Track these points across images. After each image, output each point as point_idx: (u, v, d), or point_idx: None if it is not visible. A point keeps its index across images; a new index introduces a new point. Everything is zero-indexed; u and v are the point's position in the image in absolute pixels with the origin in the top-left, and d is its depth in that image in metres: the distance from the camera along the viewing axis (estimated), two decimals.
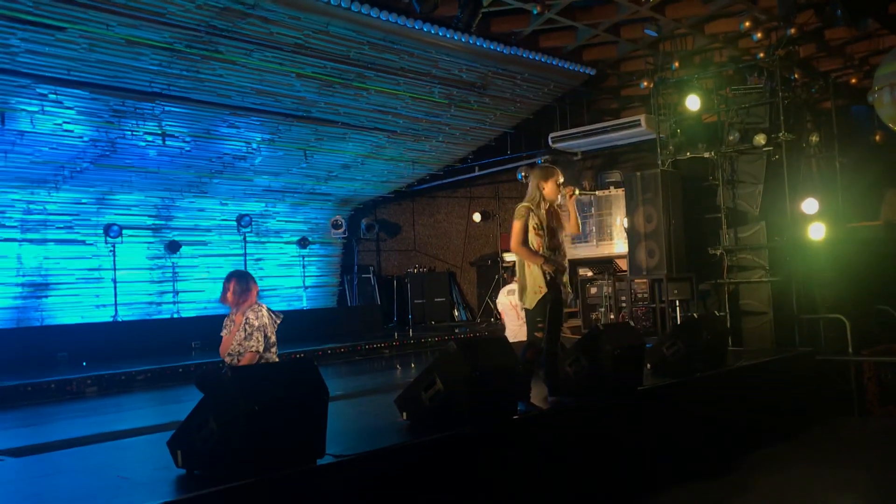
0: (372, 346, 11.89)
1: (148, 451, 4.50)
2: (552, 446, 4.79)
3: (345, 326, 13.98)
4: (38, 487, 3.76)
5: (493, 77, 11.83)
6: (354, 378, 9.18)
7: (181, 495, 3.28)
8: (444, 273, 16.14)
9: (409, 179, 15.26)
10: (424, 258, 16.46)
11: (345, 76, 10.79)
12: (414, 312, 15.32)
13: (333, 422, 3.78)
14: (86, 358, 10.22)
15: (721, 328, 7.28)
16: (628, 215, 9.58)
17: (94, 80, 9.48)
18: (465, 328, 14.28)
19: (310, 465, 3.57)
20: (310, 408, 3.65)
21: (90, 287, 12.22)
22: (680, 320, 8.98)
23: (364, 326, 14.31)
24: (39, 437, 6.04)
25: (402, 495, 3.89)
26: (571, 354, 5.47)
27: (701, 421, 6.12)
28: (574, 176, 15.02)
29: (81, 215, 12.11)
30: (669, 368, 6.31)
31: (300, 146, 12.48)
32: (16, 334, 10.94)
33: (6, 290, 11.38)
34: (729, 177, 9.54)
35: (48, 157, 10.70)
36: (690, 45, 11.26)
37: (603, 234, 13.05)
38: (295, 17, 9.26)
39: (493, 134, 14.00)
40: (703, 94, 9.88)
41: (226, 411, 3.39)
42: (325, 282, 15.65)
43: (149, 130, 10.79)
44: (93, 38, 8.68)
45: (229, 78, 10.13)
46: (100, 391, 8.61)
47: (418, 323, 15.22)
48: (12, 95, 9.28)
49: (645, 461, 5.45)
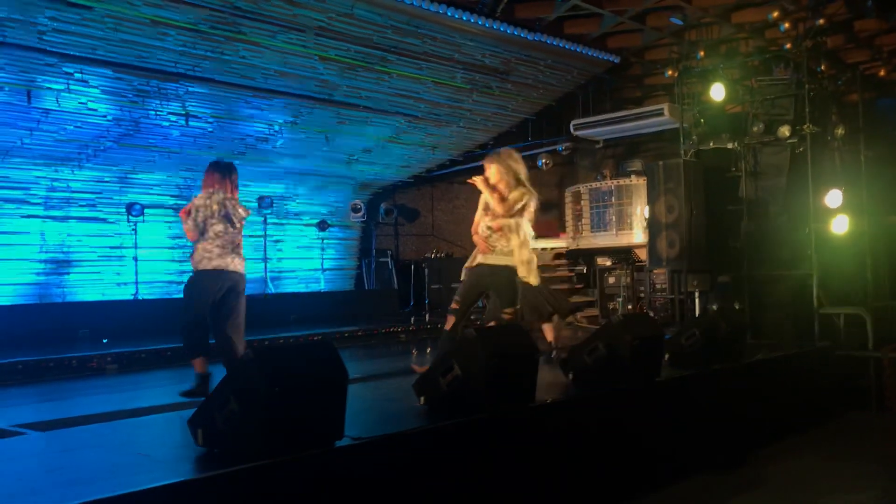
0: (388, 329, 11.93)
1: (168, 429, 4.56)
2: (568, 434, 4.81)
3: (362, 310, 14.03)
4: (61, 461, 3.82)
5: (516, 63, 11.78)
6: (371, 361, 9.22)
7: (201, 473, 3.33)
8: (461, 259, 15.99)
9: (428, 164, 15.26)
10: (442, 243, 16.47)
11: (368, 60, 10.79)
12: (431, 297, 15.35)
13: (351, 404, 3.81)
14: (106, 335, 10.34)
15: (740, 321, 7.24)
16: (649, 205, 9.53)
17: (119, 60, 9.54)
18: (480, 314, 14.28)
19: (329, 446, 3.60)
20: (329, 390, 3.68)
21: (112, 265, 12.34)
22: (699, 312, 8.95)
23: (381, 310, 14.36)
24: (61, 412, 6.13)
25: (420, 479, 3.92)
26: (590, 343, 5.47)
27: (717, 413, 6.10)
28: (595, 164, 14.98)
29: (104, 193, 12.23)
30: (687, 360, 6.29)
31: (322, 129, 12.50)
32: (38, 310, 11.08)
33: (29, 267, 11.52)
34: (752, 168, 9.47)
35: (72, 135, 10.79)
36: (716, 34, 11.15)
37: (622, 224, 13.00)
38: None
39: (514, 120, 13.95)
40: (727, 84, 9.79)
41: (247, 391, 3.43)
42: (343, 265, 15.72)
43: (172, 111, 10.85)
44: (119, 17, 8.72)
45: (253, 60, 10.16)
46: (120, 368, 8.71)
47: (435, 308, 15.25)
48: (39, 74, 9.35)
49: (660, 451, 5.45)
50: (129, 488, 3.01)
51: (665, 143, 13.22)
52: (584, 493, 4.79)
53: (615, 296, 12.20)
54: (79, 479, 3.30)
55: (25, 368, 8.14)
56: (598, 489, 4.89)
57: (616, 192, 13.15)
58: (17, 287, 11.36)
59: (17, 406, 6.97)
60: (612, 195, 13.15)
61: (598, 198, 13.39)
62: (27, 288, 11.47)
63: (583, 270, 14.93)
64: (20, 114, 9.94)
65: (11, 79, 9.27)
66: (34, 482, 3.30)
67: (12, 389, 7.63)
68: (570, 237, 14.12)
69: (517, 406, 4.57)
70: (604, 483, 4.94)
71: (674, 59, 11.05)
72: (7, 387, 7.73)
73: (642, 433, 5.33)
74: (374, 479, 3.73)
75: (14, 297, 11.24)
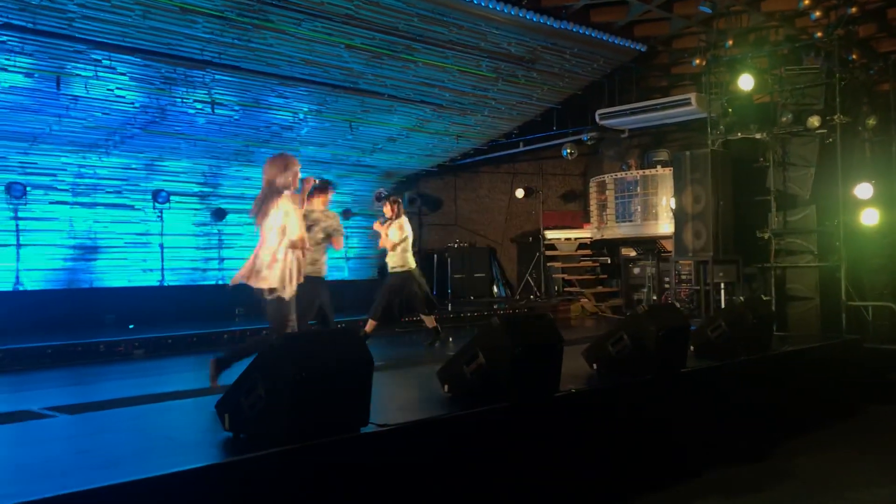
0: (411, 318, 11.93)
1: (194, 413, 4.60)
2: (593, 424, 4.79)
3: None
4: (89, 444, 3.86)
5: (541, 51, 11.71)
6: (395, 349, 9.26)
7: (228, 458, 3.35)
8: (484, 248, 16.13)
9: (452, 153, 15.23)
10: (465, 233, 16.45)
11: (393, 48, 10.77)
12: (453, 287, 15.36)
13: (376, 391, 3.82)
14: (133, 320, 10.45)
15: (767, 312, 7.17)
16: (676, 195, 9.46)
17: (147, 47, 9.59)
18: (503, 304, 14.28)
19: (354, 433, 3.62)
20: (355, 376, 3.69)
21: (138, 251, 12.46)
22: (725, 303, 8.88)
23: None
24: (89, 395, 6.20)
25: (444, 466, 3.92)
26: (614, 334, 5.44)
27: (743, 405, 6.06)
28: (620, 154, 14.87)
29: (130, 180, 12.33)
30: (713, 351, 6.25)
31: (346, 118, 12.51)
32: (66, 295, 11.22)
33: (57, 252, 11.66)
34: (780, 159, 9.36)
35: (100, 122, 10.88)
36: (745, 22, 11.00)
37: (648, 214, 12.91)
38: None
39: (539, 109, 13.88)
40: (756, 73, 9.68)
41: (273, 377, 3.45)
42: (367, 253, 15.75)
43: (198, 98, 10.90)
44: (147, 4, 8.77)
45: (279, 48, 10.18)
46: (146, 353, 8.80)
47: (457, 297, 15.26)
48: (68, 61, 9.43)
49: (686, 442, 5.42)
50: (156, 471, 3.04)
51: (692, 133, 13.10)
52: (609, 482, 4.77)
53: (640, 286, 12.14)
54: (108, 462, 3.34)
55: (54, 353, 8.26)
56: (623, 479, 4.87)
57: (642, 183, 13.06)
58: (46, 272, 11.50)
59: (47, 389, 7.07)
60: (638, 185, 13.07)
61: (624, 188, 13.32)
62: (55, 273, 11.61)
63: (607, 261, 14.87)
64: (49, 100, 10.04)
65: (41, 65, 9.36)
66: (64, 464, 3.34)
67: (42, 373, 7.75)
68: (595, 227, 14.06)
69: (542, 395, 4.56)
70: (628, 473, 4.92)
71: (702, 48, 10.94)
72: (36, 370, 7.85)
73: (668, 424, 5.30)
74: (399, 466, 3.74)
75: (43, 282, 11.39)
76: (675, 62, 12.92)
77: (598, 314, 13.51)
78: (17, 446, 3.89)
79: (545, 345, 4.61)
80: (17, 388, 7.10)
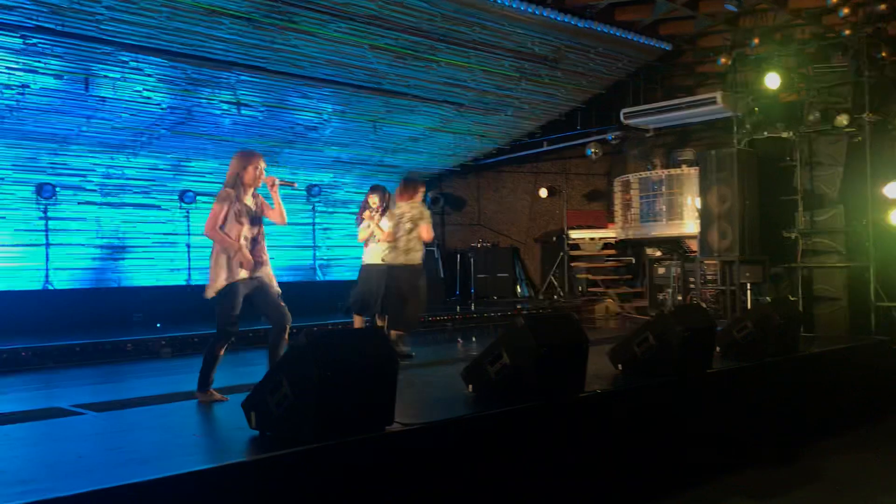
0: (435, 318, 11.97)
1: (221, 411, 4.65)
2: (618, 425, 4.78)
3: None
4: (119, 441, 3.92)
5: (565, 51, 11.68)
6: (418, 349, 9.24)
7: (255, 456, 3.38)
8: (507, 248, 16.10)
9: (475, 153, 15.23)
10: (489, 233, 16.44)
11: (416, 48, 10.79)
12: (477, 287, 15.35)
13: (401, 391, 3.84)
14: (160, 319, 10.55)
15: (794, 313, 7.11)
16: (701, 195, 9.40)
17: (174, 49, 9.68)
18: (527, 304, 14.26)
19: (379, 431, 3.64)
20: (380, 376, 3.71)
21: (165, 251, 12.58)
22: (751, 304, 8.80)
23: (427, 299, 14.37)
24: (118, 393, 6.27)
25: (469, 465, 3.93)
26: (640, 334, 5.42)
27: (770, 406, 6.01)
28: (645, 153, 14.79)
29: (158, 181, 12.45)
30: (739, 352, 6.20)
31: (370, 118, 12.55)
32: (94, 294, 11.35)
33: (86, 252, 11.80)
34: (807, 158, 9.27)
35: (128, 123, 11.00)
36: (772, 21, 10.89)
37: (673, 214, 12.82)
38: None
39: (563, 109, 13.83)
40: (783, 71, 9.59)
41: (299, 376, 3.47)
42: None
43: (224, 99, 10.99)
44: (174, 6, 8.84)
45: (304, 49, 10.23)
46: (173, 352, 8.89)
47: (481, 297, 15.25)
48: (96, 62, 9.54)
49: (712, 444, 5.38)
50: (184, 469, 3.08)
51: (717, 132, 13.00)
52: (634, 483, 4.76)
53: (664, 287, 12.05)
54: (136, 459, 3.39)
55: (83, 351, 8.36)
56: (649, 480, 4.85)
57: (667, 182, 12.97)
58: (75, 272, 11.65)
59: (76, 387, 7.16)
60: (663, 185, 12.98)
61: (648, 187, 13.24)
62: (84, 273, 11.76)
63: (631, 261, 14.79)
64: (78, 102, 10.16)
65: (70, 67, 9.48)
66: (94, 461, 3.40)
67: (70, 371, 7.84)
68: (619, 227, 13.99)
69: (566, 395, 4.55)
70: (654, 474, 4.90)
71: (727, 47, 10.85)
72: (65, 368, 7.95)
73: (693, 425, 5.27)
74: (423, 465, 3.76)
75: (71, 281, 11.54)
76: (701, 61, 12.82)
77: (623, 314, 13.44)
78: (48, 443, 3.96)
79: (570, 345, 4.61)
80: (47, 386, 7.20)
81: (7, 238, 11.08)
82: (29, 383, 7.24)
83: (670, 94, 13.32)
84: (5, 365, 7.76)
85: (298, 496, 3.29)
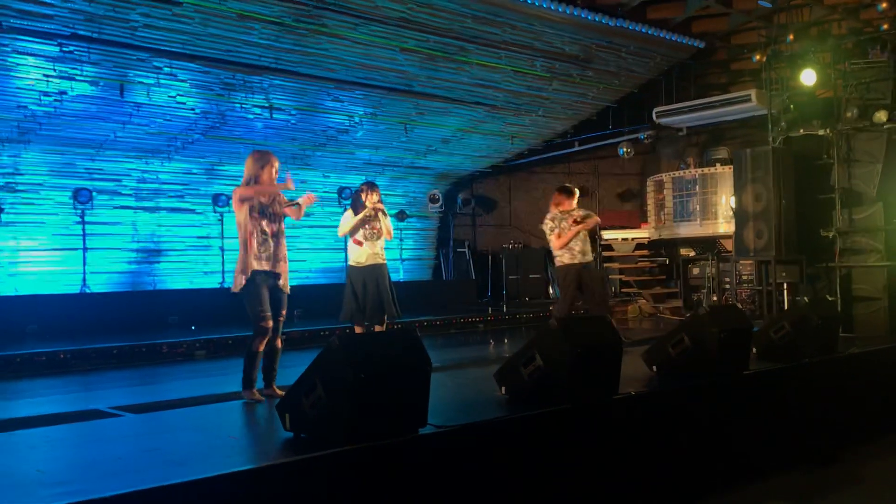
0: (467, 319, 11.97)
1: (256, 413, 4.68)
2: (653, 427, 4.73)
3: (440, 300, 14.10)
4: (157, 442, 3.96)
5: (596, 50, 11.61)
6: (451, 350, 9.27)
7: (289, 457, 3.39)
8: (539, 249, 16.03)
9: (506, 154, 15.20)
10: (520, 234, 16.39)
11: (447, 50, 10.80)
12: (508, 288, 15.31)
13: (433, 393, 3.82)
14: (195, 322, 10.67)
15: (832, 313, 6.98)
16: (736, 194, 9.29)
17: (207, 54, 9.80)
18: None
19: (412, 434, 3.63)
20: (413, 377, 3.70)
21: (199, 254, 12.73)
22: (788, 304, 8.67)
23: (459, 300, 14.41)
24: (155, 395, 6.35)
25: (501, 468, 3.91)
26: (674, 335, 5.36)
27: (809, 408, 5.91)
28: (678, 152, 14.65)
29: (192, 185, 12.60)
30: (777, 353, 6.10)
31: (401, 120, 12.59)
32: (131, 297, 11.52)
33: (122, 256, 11.98)
34: (844, 155, 9.10)
35: (162, 128, 11.15)
36: (807, 16, 10.75)
37: (707, 213, 12.69)
38: None
39: (594, 108, 13.76)
40: (819, 68, 9.43)
41: (333, 378, 3.48)
42: (422, 255, 15.81)
43: (257, 103, 11.09)
44: (207, 12, 8.95)
45: (335, 52, 10.29)
46: (208, 354, 8.98)
47: (512, 299, 15.22)
48: (131, 69, 9.69)
49: (749, 446, 5.31)
50: (221, 470, 3.10)
51: (752, 130, 12.84)
52: (670, 487, 4.70)
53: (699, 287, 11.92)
54: (174, 460, 3.42)
55: (120, 353, 8.49)
56: (684, 483, 4.79)
57: (700, 181, 12.84)
58: (111, 276, 11.84)
59: (114, 389, 7.27)
60: (697, 184, 12.85)
61: (682, 187, 13.11)
62: (120, 276, 11.94)
63: (665, 261, 14.66)
64: (113, 108, 10.33)
65: (106, 74, 9.63)
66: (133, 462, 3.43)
67: (108, 373, 7.97)
68: (653, 227, 13.87)
69: (600, 397, 4.52)
70: (690, 477, 4.84)
71: (762, 43, 10.70)
72: (103, 370, 8.07)
73: (730, 427, 5.20)
74: (456, 467, 3.74)
75: (108, 285, 11.72)
76: (734, 58, 12.68)
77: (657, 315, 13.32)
78: (88, 444, 4.01)
79: (604, 346, 4.56)
80: (86, 388, 7.32)
81: (46, 242, 11.28)
82: (68, 385, 7.37)
83: (703, 93, 13.18)
84: (46, 367, 7.91)
85: (332, 498, 3.30)
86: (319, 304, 11.54)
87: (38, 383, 7.40)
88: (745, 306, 10.28)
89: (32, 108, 9.90)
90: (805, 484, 5.13)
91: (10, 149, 10.74)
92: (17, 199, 11.06)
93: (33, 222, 11.23)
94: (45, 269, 11.25)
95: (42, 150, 11.03)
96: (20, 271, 11.08)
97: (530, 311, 12.90)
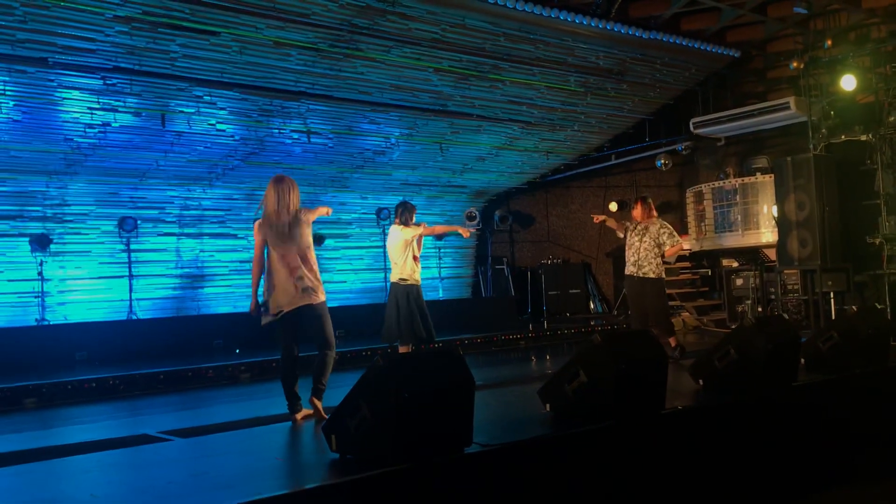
0: (508, 336, 11.92)
1: (301, 435, 4.72)
2: (701, 442, 4.66)
3: (480, 317, 14.07)
4: (204, 466, 4.01)
5: (631, 63, 11.58)
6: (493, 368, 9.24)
7: (336, 479, 3.42)
8: (578, 264, 15.95)
9: (543, 170, 15.17)
10: (559, 249, 16.31)
11: (480, 68, 10.85)
12: (548, 304, 15.24)
13: (477, 411, 3.82)
14: (239, 345, 10.79)
15: (882, 322, 6.84)
16: (778, 203, 9.17)
17: (245, 82, 9.97)
18: (601, 320, 14.08)
19: (458, 453, 3.63)
20: (457, 397, 3.71)
21: (242, 278, 12.86)
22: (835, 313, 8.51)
23: (499, 318, 14.36)
24: (201, 419, 6.42)
25: (547, 486, 3.89)
26: (720, 348, 5.29)
27: (860, 420, 5.78)
28: (717, 162, 14.50)
29: (233, 210, 12.78)
30: (825, 364, 5.99)
31: (436, 140, 12.66)
32: (176, 323, 11.68)
33: (167, 282, 12.18)
34: (888, 160, 8.94)
35: (203, 155, 11.34)
36: (844, 21, 10.61)
37: (749, 223, 12.51)
38: (432, 13, 9.40)
39: (630, 121, 13.70)
40: (858, 72, 9.32)
41: (378, 398, 3.50)
42: (460, 273, 15.82)
43: (294, 128, 11.24)
44: (244, 41, 9.12)
45: (369, 75, 10.40)
46: (252, 377, 9.07)
47: (553, 315, 15.13)
48: (172, 98, 9.89)
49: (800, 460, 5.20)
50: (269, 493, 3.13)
51: (792, 137, 12.67)
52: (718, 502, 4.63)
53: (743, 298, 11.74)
54: (222, 484, 3.46)
55: (167, 378, 8.61)
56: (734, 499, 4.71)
57: (741, 191, 12.68)
58: (156, 301, 12.03)
59: (161, 414, 7.37)
60: (737, 194, 12.69)
61: (722, 197, 12.96)
62: (166, 302, 12.13)
63: (707, 273, 14.47)
64: (155, 137, 10.54)
65: (147, 104, 9.85)
66: (182, 486, 3.48)
67: (156, 398, 8.08)
68: (693, 239, 13.72)
69: (647, 413, 4.47)
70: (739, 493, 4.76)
71: (799, 50, 10.59)
72: (150, 395, 8.19)
73: (780, 441, 5.11)
74: (502, 486, 3.73)
75: (154, 311, 11.91)
76: (771, 66, 12.55)
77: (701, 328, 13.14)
78: (139, 469, 4.07)
79: (649, 361, 4.53)
80: (133, 413, 7.43)
81: (93, 271, 11.52)
82: (118, 410, 7.49)
83: (741, 102, 13.05)
84: (96, 393, 8.05)
85: None
86: (358, 324, 11.60)
87: (89, 409, 7.54)
88: (791, 317, 10.11)
89: (78, 141, 10.15)
90: (858, 499, 5.00)
91: (58, 181, 11.02)
92: (65, 230, 11.31)
93: (80, 252, 11.47)
94: (92, 298, 11.48)
95: (87, 181, 11.28)
96: (69, 300, 11.31)
97: (572, 327, 12.82)
